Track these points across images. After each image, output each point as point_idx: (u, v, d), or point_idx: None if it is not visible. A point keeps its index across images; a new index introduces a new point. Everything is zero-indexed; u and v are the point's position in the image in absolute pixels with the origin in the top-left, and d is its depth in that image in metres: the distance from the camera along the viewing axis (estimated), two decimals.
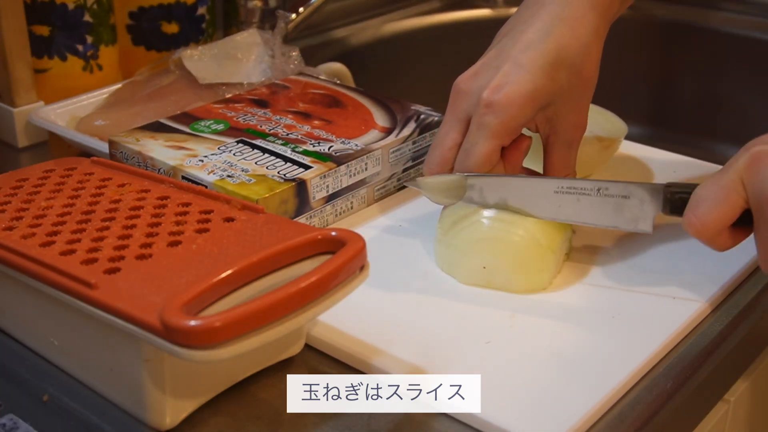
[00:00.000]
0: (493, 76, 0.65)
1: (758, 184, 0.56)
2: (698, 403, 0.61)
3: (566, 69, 0.65)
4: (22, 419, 0.53)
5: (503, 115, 0.64)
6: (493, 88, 0.64)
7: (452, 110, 0.67)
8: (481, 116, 0.64)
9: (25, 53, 0.89)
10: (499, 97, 0.64)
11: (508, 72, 0.65)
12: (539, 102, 0.65)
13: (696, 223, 0.58)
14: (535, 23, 0.66)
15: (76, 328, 0.53)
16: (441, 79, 1.28)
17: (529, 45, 0.65)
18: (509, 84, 0.64)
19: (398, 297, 0.63)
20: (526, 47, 0.65)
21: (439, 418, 0.54)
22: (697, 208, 0.58)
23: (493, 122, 0.64)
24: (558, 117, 0.67)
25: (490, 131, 0.64)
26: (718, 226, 0.57)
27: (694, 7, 1.25)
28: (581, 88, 0.66)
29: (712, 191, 0.58)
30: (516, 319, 0.60)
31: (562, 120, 0.67)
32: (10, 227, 0.57)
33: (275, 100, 0.82)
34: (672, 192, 0.61)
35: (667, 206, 0.62)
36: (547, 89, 0.65)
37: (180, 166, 0.69)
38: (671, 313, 0.61)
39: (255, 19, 1.06)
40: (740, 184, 0.57)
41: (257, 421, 0.53)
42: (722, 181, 0.57)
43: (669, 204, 0.62)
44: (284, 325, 0.47)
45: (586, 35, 0.66)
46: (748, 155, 0.57)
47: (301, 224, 0.57)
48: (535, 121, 0.67)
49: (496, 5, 1.30)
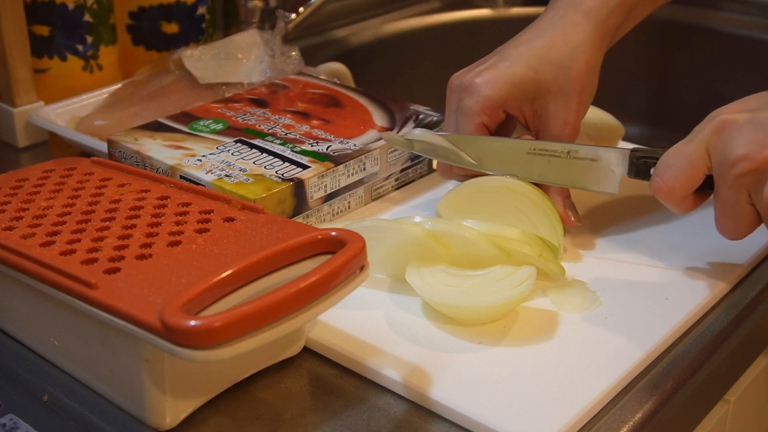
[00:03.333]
0: (479, 67, 0.70)
1: (722, 151, 0.59)
2: (698, 403, 0.61)
3: (551, 65, 0.68)
4: (22, 419, 0.53)
5: (478, 95, 0.68)
6: (474, 73, 0.69)
7: (447, 104, 0.72)
8: (460, 100, 0.69)
9: (25, 53, 0.89)
10: (477, 80, 0.68)
11: (492, 63, 0.69)
12: (519, 88, 0.68)
13: (664, 187, 0.62)
14: (530, 28, 0.71)
15: (76, 328, 0.53)
16: (441, 79, 1.28)
17: (519, 43, 0.70)
18: (488, 70, 0.69)
19: (396, 297, 0.63)
20: (516, 44, 0.70)
21: (437, 419, 0.54)
22: (664, 174, 0.62)
23: (470, 103, 0.68)
24: (546, 112, 0.69)
25: (468, 111, 0.69)
26: (685, 191, 0.61)
27: (694, 7, 1.25)
28: (569, 87, 0.69)
29: (678, 158, 0.61)
30: (510, 319, 0.60)
31: (551, 116, 0.69)
32: (10, 227, 0.57)
33: (274, 100, 0.82)
34: (638, 157, 0.65)
35: (633, 170, 0.65)
36: (528, 78, 0.68)
37: (178, 166, 0.69)
38: (665, 313, 0.61)
39: (255, 19, 1.06)
40: (705, 152, 0.60)
41: (257, 421, 0.53)
42: (688, 149, 0.61)
43: (635, 168, 0.65)
44: (284, 325, 0.47)
45: (577, 40, 0.69)
46: (713, 124, 0.60)
47: (301, 224, 0.57)
48: (524, 113, 0.70)
49: (496, 5, 1.30)
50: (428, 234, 0.61)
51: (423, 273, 0.60)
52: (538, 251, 0.61)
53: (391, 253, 0.62)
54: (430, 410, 0.54)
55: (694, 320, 0.62)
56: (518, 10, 1.29)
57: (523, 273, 0.59)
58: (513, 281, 0.58)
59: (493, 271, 0.60)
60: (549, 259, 0.62)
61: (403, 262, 0.62)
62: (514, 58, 0.69)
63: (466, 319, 0.59)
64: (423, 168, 0.80)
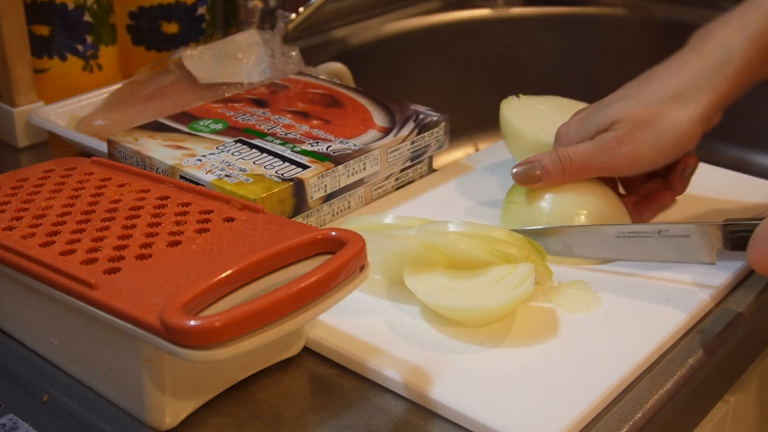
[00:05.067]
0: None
1: None
2: (698, 403, 0.61)
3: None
4: (22, 419, 0.53)
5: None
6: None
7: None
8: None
9: (25, 53, 0.89)
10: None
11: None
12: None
13: (762, 260, 0.59)
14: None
15: (76, 328, 0.53)
16: (441, 79, 1.28)
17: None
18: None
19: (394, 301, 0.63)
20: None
21: (438, 419, 0.54)
22: (763, 246, 0.59)
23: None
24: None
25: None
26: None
27: (694, 7, 1.25)
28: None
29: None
30: (510, 320, 0.60)
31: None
32: (10, 227, 0.57)
33: (274, 100, 0.82)
34: (731, 231, 0.63)
35: (728, 243, 0.63)
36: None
37: (178, 166, 0.69)
38: (665, 314, 0.61)
39: (255, 19, 1.06)
40: None
41: (257, 421, 0.53)
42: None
43: (729, 242, 0.63)
44: (284, 325, 0.47)
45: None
46: None
47: (301, 224, 0.57)
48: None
49: (496, 5, 1.30)
50: (425, 246, 0.61)
51: (422, 278, 0.60)
52: (526, 253, 0.61)
53: (388, 258, 0.62)
54: (431, 410, 0.54)
55: (694, 321, 0.62)
56: (518, 10, 1.29)
57: (521, 272, 0.59)
58: (513, 281, 0.58)
59: (492, 271, 0.60)
60: (536, 261, 0.62)
61: (400, 266, 0.62)
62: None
63: (468, 321, 0.59)
64: (423, 168, 0.80)
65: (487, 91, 1.24)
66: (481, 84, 1.30)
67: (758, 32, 0.64)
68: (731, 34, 0.65)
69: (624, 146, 0.66)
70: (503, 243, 0.61)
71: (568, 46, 1.31)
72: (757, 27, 0.64)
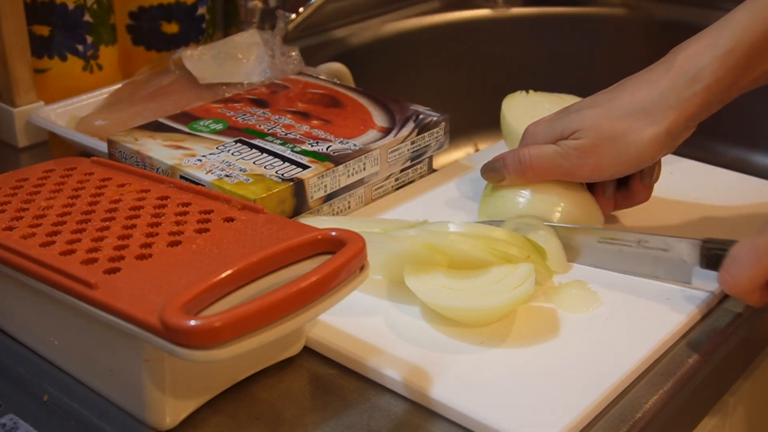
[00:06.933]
0: None
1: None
2: (698, 403, 0.61)
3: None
4: (22, 419, 0.53)
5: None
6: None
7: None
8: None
9: (25, 53, 0.89)
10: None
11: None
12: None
13: (730, 281, 0.59)
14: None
15: (76, 328, 0.53)
16: (441, 79, 1.28)
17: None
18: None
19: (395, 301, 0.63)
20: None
21: (438, 418, 0.54)
22: (731, 267, 0.59)
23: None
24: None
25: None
26: (751, 285, 0.59)
27: (694, 7, 1.25)
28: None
29: (746, 251, 0.59)
30: (510, 320, 0.60)
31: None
32: (10, 227, 0.57)
33: (274, 100, 0.82)
34: (708, 248, 0.63)
35: (704, 261, 0.63)
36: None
37: (178, 166, 0.69)
38: (665, 314, 0.61)
39: (255, 19, 1.06)
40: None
41: (257, 421, 0.53)
42: (758, 242, 0.59)
43: (705, 259, 0.63)
44: (284, 325, 0.47)
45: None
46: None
47: (301, 224, 0.57)
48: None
49: (496, 5, 1.30)
50: (426, 246, 0.61)
51: (422, 278, 0.60)
52: (526, 253, 0.61)
53: (388, 259, 0.62)
54: (431, 410, 0.54)
55: (694, 321, 0.62)
56: (518, 10, 1.29)
57: (522, 272, 0.59)
58: (513, 281, 0.58)
59: (492, 271, 0.60)
60: (536, 261, 0.62)
61: (400, 266, 0.62)
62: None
63: (468, 321, 0.59)
64: (423, 168, 0.80)
65: (487, 91, 1.24)
66: (481, 84, 1.30)
67: (729, 50, 0.64)
68: (702, 51, 0.65)
69: (585, 157, 0.66)
70: (503, 243, 0.61)
71: (568, 46, 1.31)
72: (729, 44, 0.64)
